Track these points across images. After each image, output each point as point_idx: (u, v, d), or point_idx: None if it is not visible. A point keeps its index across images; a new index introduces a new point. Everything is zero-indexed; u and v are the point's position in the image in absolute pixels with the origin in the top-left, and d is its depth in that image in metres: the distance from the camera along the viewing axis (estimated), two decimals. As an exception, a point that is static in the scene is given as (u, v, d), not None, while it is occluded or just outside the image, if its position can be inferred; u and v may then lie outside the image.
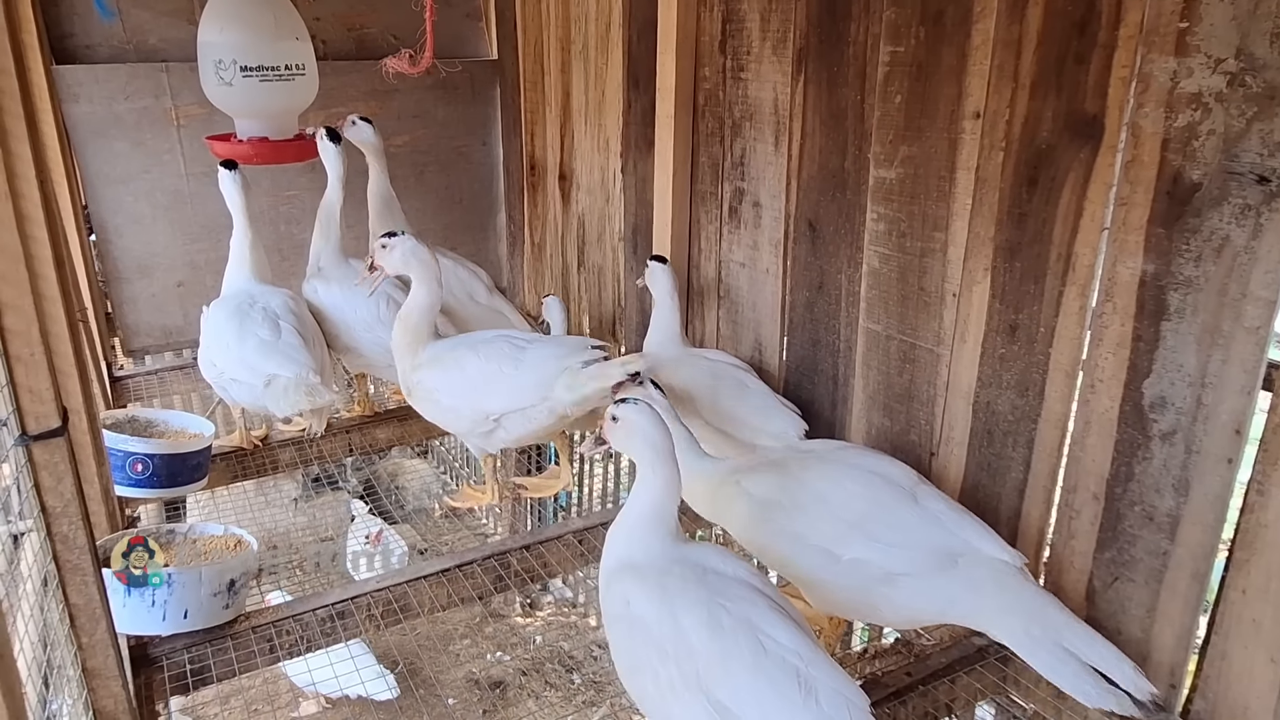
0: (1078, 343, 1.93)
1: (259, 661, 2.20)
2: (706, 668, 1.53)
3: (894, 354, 2.39)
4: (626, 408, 1.77)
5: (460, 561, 2.48)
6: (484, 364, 2.52)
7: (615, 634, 1.68)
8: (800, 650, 1.55)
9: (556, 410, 2.47)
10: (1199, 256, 1.67)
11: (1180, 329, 1.73)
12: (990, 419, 2.16)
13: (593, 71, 3.57)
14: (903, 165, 2.25)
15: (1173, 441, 1.78)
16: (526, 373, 2.48)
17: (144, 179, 3.80)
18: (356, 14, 4.12)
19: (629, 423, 1.75)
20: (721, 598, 1.59)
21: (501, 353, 2.52)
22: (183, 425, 2.99)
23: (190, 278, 3.97)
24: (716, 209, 2.98)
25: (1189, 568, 1.79)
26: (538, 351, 2.52)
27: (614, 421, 1.78)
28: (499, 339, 2.59)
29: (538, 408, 2.48)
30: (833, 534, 1.90)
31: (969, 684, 2.02)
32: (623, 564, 1.72)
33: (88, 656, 1.73)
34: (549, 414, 2.49)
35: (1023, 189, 1.98)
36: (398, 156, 4.20)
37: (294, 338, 2.86)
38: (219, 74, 3.20)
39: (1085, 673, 1.81)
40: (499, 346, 2.54)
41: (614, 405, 1.79)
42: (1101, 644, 1.83)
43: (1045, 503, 2.07)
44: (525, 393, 2.48)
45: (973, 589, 1.85)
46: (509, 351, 2.52)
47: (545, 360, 2.48)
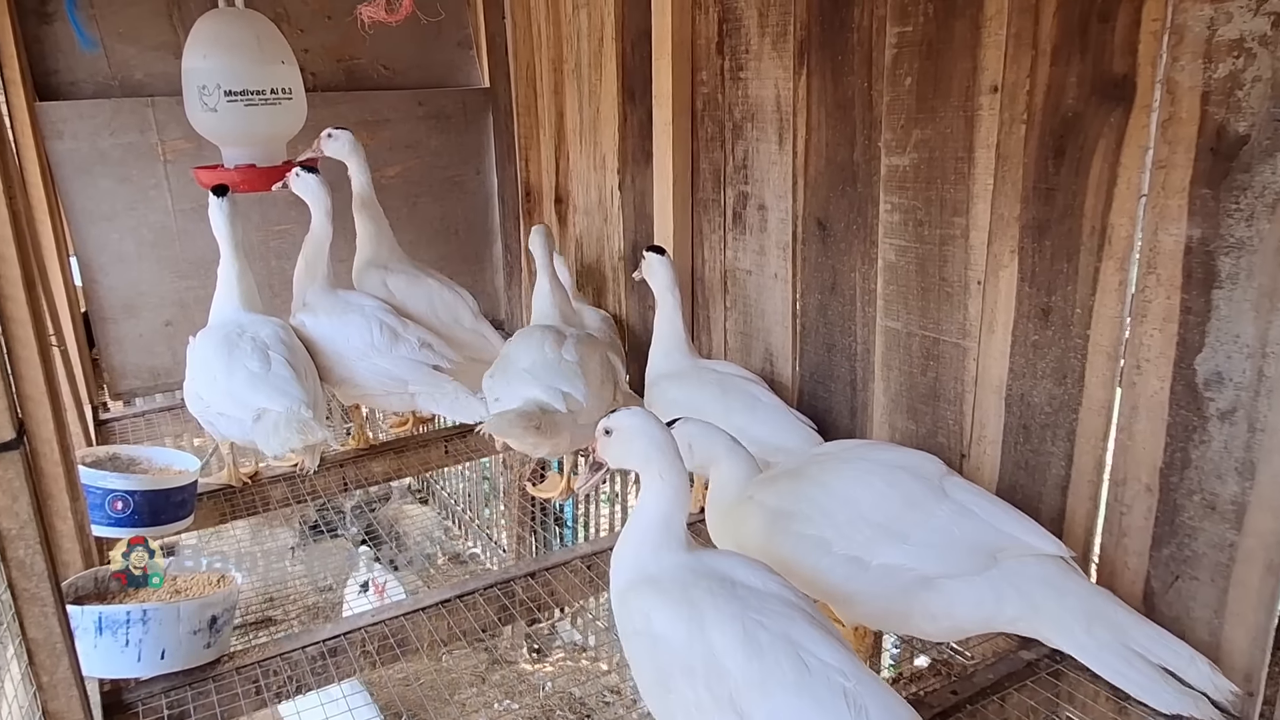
0: (1118, 321, 1.79)
1: (244, 705, 2.02)
2: (742, 690, 1.36)
3: (916, 352, 2.25)
4: (621, 416, 1.61)
5: (461, 592, 2.30)
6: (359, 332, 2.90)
7: (635, 650, 1.51)
8: (846, 669, 1.38)
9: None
10: (1251, 215, 1.54)
11: (1234, 296, 1.59)
12: (1025, 413, 2.01)
13: (586, 89, 3.49)
14: (916, 150, 2.14)
15: (1233, 420, 1.63)
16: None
17: (130, 215, 3.69)
18: (346, 45, 4.06)
19: (628, 430, 1.59)
20: (756, 613, 1.43)
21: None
22: (168, 462, 2.84)
23: (179, 317, 3.84)
24: (719, 216, 2.87)
25: (1261, 560, 1.62)
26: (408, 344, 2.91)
27: (608, 435, 1.62)
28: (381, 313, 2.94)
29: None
30: (859, 539, 1.74)
31: (1020, 702, 1.84)
32: (637, 577, 1.56)
33: (49, 698, 1.55)
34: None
35: (1049, 162, 1.86)
36: (390, 188, 4.11)
37: (285, 369, 2.71)
38: (203, 100, 3.12)
39: (1157, 674, 1.64)
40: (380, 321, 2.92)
41: (605, 420, 1.64)
42: (1171, 641, 1.67)
43: (1092, 499, 1.91)
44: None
45: (1020, 588, 1.68)
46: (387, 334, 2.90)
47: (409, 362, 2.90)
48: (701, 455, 1.95)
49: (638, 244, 3.31)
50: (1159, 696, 1.62)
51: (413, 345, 2.91)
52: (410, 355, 2.90)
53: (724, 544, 1.99)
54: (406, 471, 3.31)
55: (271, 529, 5.32)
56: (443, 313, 3.22)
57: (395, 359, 2.89)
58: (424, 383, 2.89)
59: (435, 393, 2.91)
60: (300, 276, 3.13)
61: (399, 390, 2.91)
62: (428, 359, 2.91)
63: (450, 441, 3.35)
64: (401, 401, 2.98)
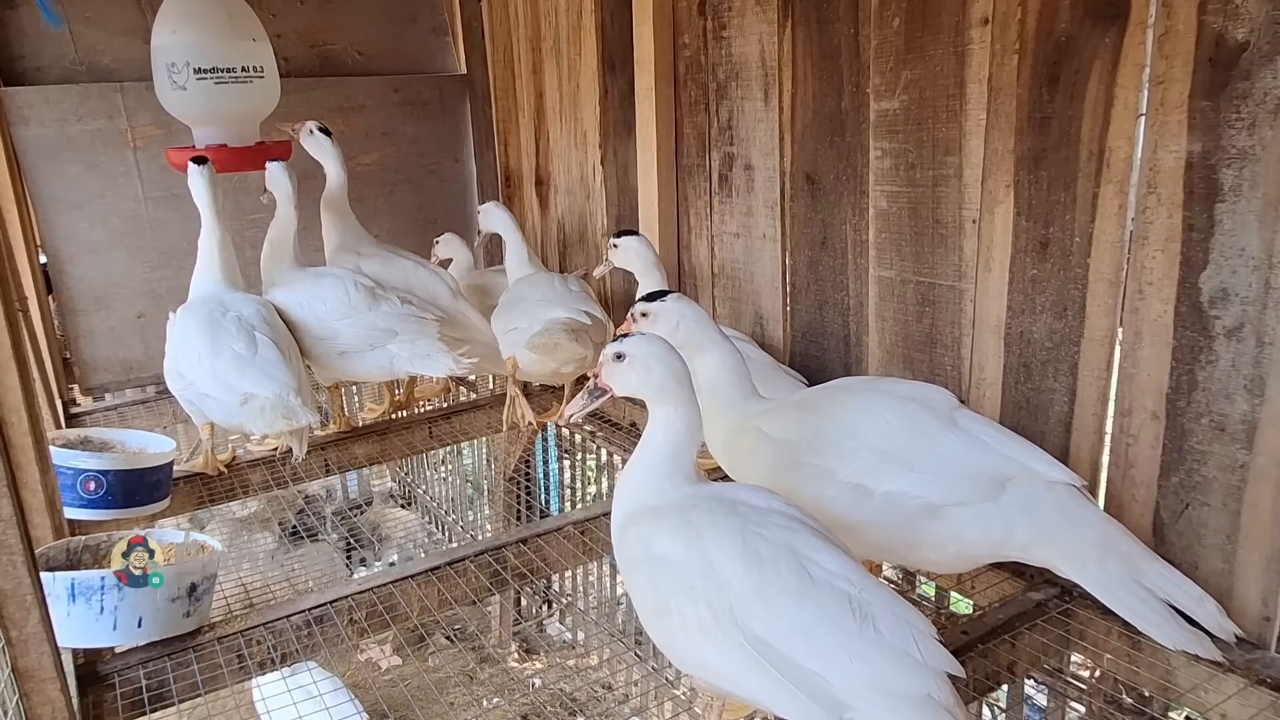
0: (1119, 246, 1.76)
1: (227, 678, 1.93)
2: (743, 602, 1.31)
3: (911, 299, 2.22)
4: (634, 341, 1.55)
5: (451, 559, 2.23)
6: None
7: (635, 578, 1.45)
8: (851, 576, 1.33)
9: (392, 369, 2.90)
10: (1253, 123, 1.52)
11: (1238, 209, 1.56)
12: (1025, 350, 1.97)
13: (566, 65, 3.45)
14: (906, 91, 2.11)
15: (1240, 337, 1.60)
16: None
17: (99, 204, 3.60)
18: (319, 30, 4.00)
19: (646, 357, 1.52)
20: (756, 526, 1.38)
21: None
22: (142, 445, 2.74)
23: (151, 309, 3.74)
24: (705, 181, 2.83)
25: (1273, 478, 1.59)
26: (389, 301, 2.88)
27: (618, 360, 1.56)
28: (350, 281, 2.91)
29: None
30: (864, 467, 1.69)
31: (1032, 640, 1.79)
32: (638, 508, 1.50)
33: (19, 654, 1.47)
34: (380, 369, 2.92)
35: (1043, 90, 1.83)
36: (366, 176, 4.05)
37: (271, 352, 2.63)
38: (172, 78, 3.05)
39: (1166, 611, 1.60)
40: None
41: (615, 343, 1.58)
42: (1182, 580, 1.64)
43: (1097, 433, 1.88)
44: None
45: (1031, 515, 1.64)
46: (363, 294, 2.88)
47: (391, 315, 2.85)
48: (686, 337, 1.84)
49: (621, 218, 3.26)
50: (1166, 633, 1.59)
51: (394, 302, 2.87)
52: (393, 310, 2.85)
53: (729, 470, 1.94)
54: (391, 454, 3.23)
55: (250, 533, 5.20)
56: (419, 291, 3.16)
57: (379, 314, 2.84)
58: (412, 330, 2.83)
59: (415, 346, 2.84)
60: (266, 260, 3.07)
61: (384, 342, 2.84)
62: (412, 312, 2.86)
63: (435, 424, 3.28)
64: (381, 367, 2.90)
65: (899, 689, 1.25)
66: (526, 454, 3.95)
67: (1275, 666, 1.59)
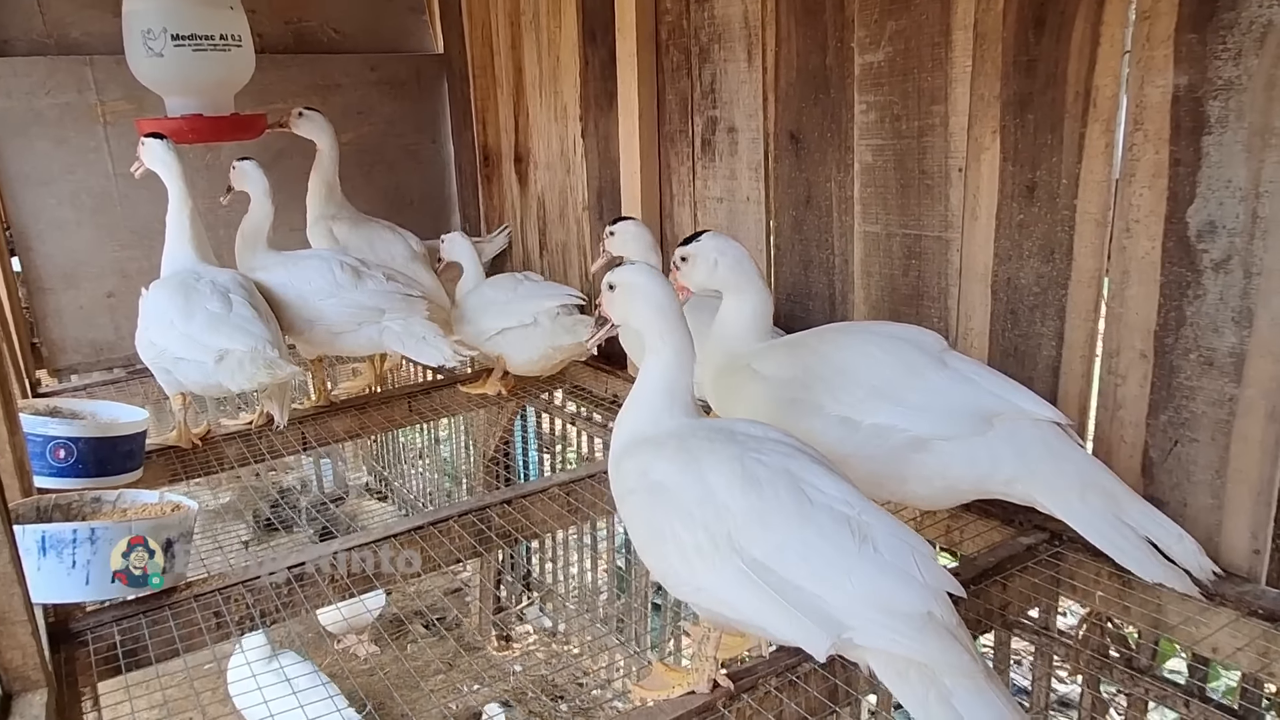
0: (1106, 185, 1.77)
1: (206, 635, 1.88)
2: (741, 526, 1.29)
3: (897, 252, 2.21)
4: (624, 271, 1.55)
5: (435, 519, 2.19)
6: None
7: (630, 508, 1.42)
8: (850, 499, 1.32)
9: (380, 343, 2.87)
10: (1239, 52, 1.53)
11: (1224, 140, 1.57)
12: (1013, 296, 1.98)
13: (545, 38, 3.43)
14: (891, 43, 2.11)
15: (1227, 269, 1.60)
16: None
17: (68, 180, 3.52)
18: (294, 6, 3.95)
19: (629, 286, 1.53)
20: (754, 451, 1.36)
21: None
22: (113, 415, 2.67)
23: (121, 288, 3.66)
24: (687, 147, 2.82)
25: (1262, 409, 1.60)
26: (374, 278, 2.85)
27: (611, 290, 1.57)
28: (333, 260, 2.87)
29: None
30: (853, 401, 1.68)
31: (1023, 582, 1.79)
32: (634, 440, 1.48)
33: (-14, 596, 1.41)
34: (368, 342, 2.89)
35: (1029, 33, 1.84)
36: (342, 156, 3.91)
37: (246, 309, 2.59)
38: (148, 44, 2.99)
39: (1145, 545, 1.61)
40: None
41: (610, 273, 1.58)
42: (1162, 519, 1.65)
43: (1085, 376, 1.88)
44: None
45: (1016, 450, 1.64)
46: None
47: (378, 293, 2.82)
48: (725, 276, 1.85)
49: (603, 190, 3.24)
50: (1144, 566, 1.59)
51: (379, 279, 2.83)
52: (379, 288, 2.81)
53: (720, 409, 1.93)
54: (370, 429, 3.18)
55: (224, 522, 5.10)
56: (380, 249, 3.23)
57: (366, 292, 2.80)
58: (400, 309, 2.80)
59: (408, 325, 2.80)
60: (240, 249, 3.02)
61: (373, 320, 2.80)
62: (398, 289, 2.82)
63: (414, 399, 3.23)
64: (370, 341, 2.86)
65: (899, 607, 1.23)
66: (506, 435, 3.90)
67: (1266, 598, 1.59)
